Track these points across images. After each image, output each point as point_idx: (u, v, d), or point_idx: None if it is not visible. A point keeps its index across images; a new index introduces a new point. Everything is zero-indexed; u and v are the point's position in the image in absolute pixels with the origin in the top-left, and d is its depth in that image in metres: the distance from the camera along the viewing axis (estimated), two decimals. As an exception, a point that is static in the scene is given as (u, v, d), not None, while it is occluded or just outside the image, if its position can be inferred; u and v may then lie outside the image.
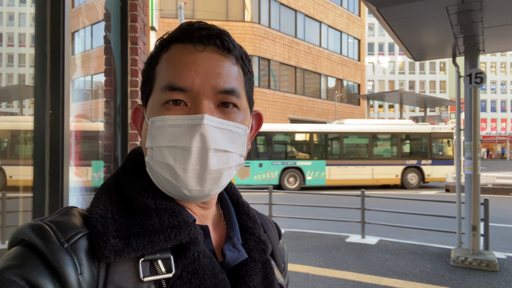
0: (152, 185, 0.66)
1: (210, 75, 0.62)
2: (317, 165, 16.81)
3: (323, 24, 30.04)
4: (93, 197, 0.64)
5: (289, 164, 16.66)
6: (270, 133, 16.74)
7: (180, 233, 0.59)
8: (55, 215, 0.59)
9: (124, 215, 0.60)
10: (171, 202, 0.64)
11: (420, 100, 29.86)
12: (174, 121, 0.61)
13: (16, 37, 4.90)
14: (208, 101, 0.62)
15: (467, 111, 5.91)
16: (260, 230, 0.75)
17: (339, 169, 16.83)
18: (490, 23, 5.20)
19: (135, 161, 0.70)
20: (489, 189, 14.89)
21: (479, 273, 5.22)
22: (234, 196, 0.80)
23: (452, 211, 6.49)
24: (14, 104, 6.57)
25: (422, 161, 17.24)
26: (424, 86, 62.21)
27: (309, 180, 16.75)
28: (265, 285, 0.68)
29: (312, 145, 17.09)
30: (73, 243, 0.54)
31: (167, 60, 0.64)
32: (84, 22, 3.10)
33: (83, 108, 2.95)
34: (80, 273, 0.52)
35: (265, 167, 16.42)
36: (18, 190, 2.46)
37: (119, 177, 0.67)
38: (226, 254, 0.66)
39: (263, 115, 0.78)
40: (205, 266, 0.60)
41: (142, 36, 2.86)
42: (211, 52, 0.64)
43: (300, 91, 28.09)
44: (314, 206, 9.07)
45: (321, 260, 5.87)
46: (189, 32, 0.64)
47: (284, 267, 0.84)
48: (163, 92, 0.62)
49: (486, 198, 6.02)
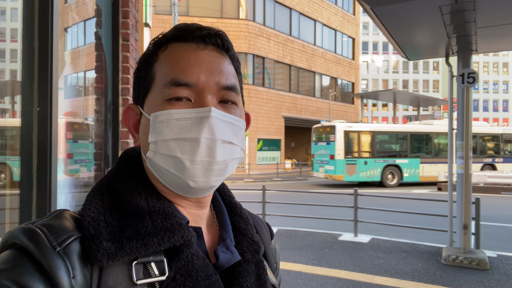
0: (146, 186, 0.65)
1: (213, 72, 0.64)
2: (413, 163, 18.15)
3: (317, 22, 30.07)
4: (85, 200, 0.63)
5: (389, 162, 17.83)
6: (375, 132, 17.84)
7: (174, 235, 0.59)
8: (46, 218, 0.58)
9: (117, 218, 0.60)
10: (164, 203, 0.64)
11: (413, 99, 29.98)
12: (181, 114, 0.61)
13: (8, 32, 4.85)
14: (211, 96, 0.63)
15: (460, 111, 5.94)
16: (253, 231, 0.75)
17: (431, 167, 18.23)
18: (483, 23, 5.23)
19: (127, 162, 0.70)
20: (481, 188, 15.02)
21: (470, 272, 5.26)
22: (227, 197, 0.80)
23: (444, 210, 6.54)
24: (6, 100, 6.50)
25: (495, 159, 19.67)
26: (418, 85, 62.55)
27: (406, 177, 17.97)
28: (258, 286, 0.68)
29: (409, 144, 18.39)
30: (65, 247, 0.53)
31: (167, 57, 0.65)
32: (76, 18, 3.06)
33: (73, 105, 2.91)
34: (72, 276, 0.52)
35: (369, 165, 17.45)
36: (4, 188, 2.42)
37: (112, 179, 0.67)
38: (220, 256, 0.66)
39: (257, 113, 0.78)
40: (198, 268, 0.60)
41: (134, 33, 2.83)
42: (212, 51, 0.66)
43: (294, 89, 28.12)
44: (307, 205, 9.08)
45: (314, 258, 5.88)
46: (190, 31, 0.66)
47: (276, 267, 0.85)
48: (167, 88, 0.63)
49: (478, 197, 6.07)
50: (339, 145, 16.94)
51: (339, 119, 30.90)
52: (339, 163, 16.83)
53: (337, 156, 16.85)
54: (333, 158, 17.00)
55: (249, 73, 24.49)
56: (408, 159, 18.04)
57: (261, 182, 18.47)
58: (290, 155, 33.23)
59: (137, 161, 0.70)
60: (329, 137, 17.38)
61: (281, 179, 20.79)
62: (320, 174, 18.19)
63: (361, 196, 7.55)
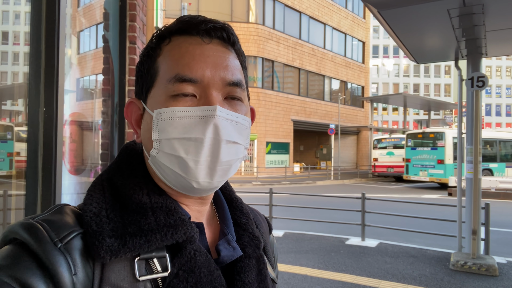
0: (148, 182, 0.64)
1: (219, 67, 0.62)
2: (500, 167, 20.10)
3: (327, 26, 30.04)
4: (86, 194, 0.62)
5: (484, 166, 19.27)
6: None
7: (177, 232, 0.59)
8: (47, 213, 0.57)
9: (119, 213, 0.59)
10: (166, 199, 0.63)
11: (424, 103, 29.72)
12: (185, 112, 0.59)
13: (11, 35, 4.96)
14: (217, 92, 0.61)
15: (469, 115, 5.88)
16: (253, 226, 0.75)
17: None
18: (493, 27, 5.17)
19: (128, 156, 0.69)
20: (492, 194, 14.79)
21: (479, 278, 5.19)
22: (227, 192, 0.79)
23: (453, 215, 6.46)
24: (19, 102, 6.61)
25: None
26: (429, 89, 61.96)
27: None
28: (259, 280, 0.68)
29: (498, 150, 20.48)
30: (66, 243, 0.52)
31: (171, 51, 0.63)
32: (86, 23, 3.12)
33: (79, 106, 2.96)
34: (74, 273, 0.51)
35: None
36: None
37: (113, 174, 0.66)
38: (221, 251, 0.66)
39: (266, 116, 0.78)
40: (201, 264, 0.60)
41: (141, 36, 2.87)
42: (217, 45, 0.64)
43: (303, 93, 28.08)
44: (314, 208, 9.05)
45: (320, 262, 5.86)
46: (195, 24, 0.63)
47: (274, 260, 0.85)
48: (172, 83, 0.61)
49: (487, 202, 5.99)
50: (448, 150, 18.47)
51: (348, 123, 30.79)
52: (449, 167, 18.21)
53: (447, 161, 18.28)
54: (441, 163, 18.47)
55: (258, 76, 24.55)
56: (497, 164, 19.94)
57: (269, 185, 18.45)
58: (299, 158, 33.14)
59: (139, 155, 0.69)
60: (436, 143, 19.06)
61: (289, 182, 20.75)
62: (420, 178, 19.57)
63: (369, 200, 7.49)
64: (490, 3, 4.48)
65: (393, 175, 23.37)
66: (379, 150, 23.61)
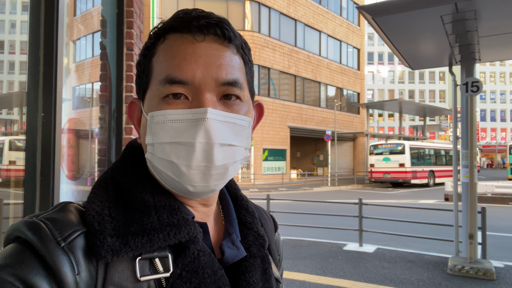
0: (151, 180, 0.64)
1: (211, 67, 0.59)
2: None
3: (322, 33, 30.27)
4: (90, 192, 0.62)
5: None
6: None
7: (180, 232, 0.58)
8: (50, 211, 0.56)
9: (122, 212, 0.58)
10: (170, 198, 0.62)
11: (419, 109, 29.92)
12: (176, 115, 0.58)
13: (18, 44, 4.98)
14: (210, 93, 0.59)
15: (464, 120, 5.93)
16: (258, 225, 0.73)
17: None
18: (485, 32, 5.24)
19: (132, 154, 0.68)
20: (488, 198, 14.84)
21: (476, 282, 5.20)
22: (232, 190, 0.78)
23: (450, 220, 6.48)
24: (15, 111, 6.60)
25: None
26: (424, 95, 62.41)
27: None
28: (264, 280, 0.66)
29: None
30: (70, 242, 0.52)
31: (164, 51, 0.61)
32: (84, 31, 3.15)
33: (76, 114, 2.97)
34: (77, 273, 0.51)
35: None
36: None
37: (117, 172, 0.65)
38: (225, 251, 0.64)
39: (263, 123, 0.77)
40: (205, 265, 0.59)
41: (138, 43, 2.89)
42: (211, 42, 0.61)
43: (299, 100, 28.19)
44: (312, 214, 9.04)
45: (318, 268, 5.84)
46: (187, 21, 0.60)
47: (279, 259, 0.83)
48: (162, 85, 0.59)
49: (483, 207, 6.01)
50: None
51: (345, 129, 30.89)
52: None
53: None
54: None
55: (254, 83, 24.62)
56: None
57: (266, 192, 18.43)
58: (296, 165, 33.15)
59: (143, 153, 0.67)
60: None
61: (286, 189, 20.74)
62: None
63: (366, 206, 7.50)
64: (483, 9, 4.55)
65: (390, 181, 23.53)
66: (375, 156, 23.86)
